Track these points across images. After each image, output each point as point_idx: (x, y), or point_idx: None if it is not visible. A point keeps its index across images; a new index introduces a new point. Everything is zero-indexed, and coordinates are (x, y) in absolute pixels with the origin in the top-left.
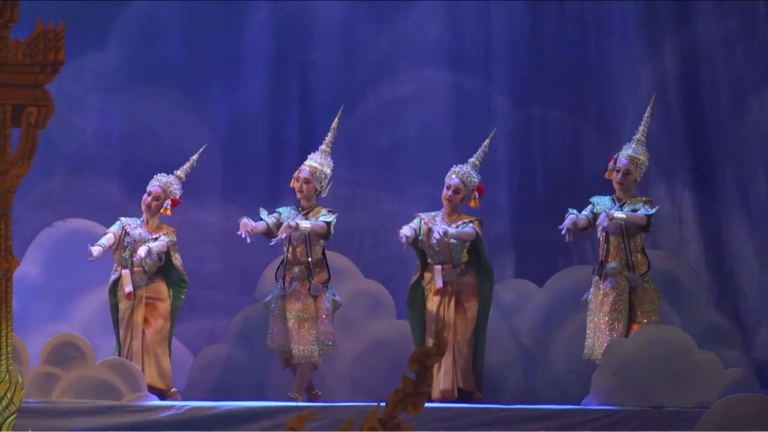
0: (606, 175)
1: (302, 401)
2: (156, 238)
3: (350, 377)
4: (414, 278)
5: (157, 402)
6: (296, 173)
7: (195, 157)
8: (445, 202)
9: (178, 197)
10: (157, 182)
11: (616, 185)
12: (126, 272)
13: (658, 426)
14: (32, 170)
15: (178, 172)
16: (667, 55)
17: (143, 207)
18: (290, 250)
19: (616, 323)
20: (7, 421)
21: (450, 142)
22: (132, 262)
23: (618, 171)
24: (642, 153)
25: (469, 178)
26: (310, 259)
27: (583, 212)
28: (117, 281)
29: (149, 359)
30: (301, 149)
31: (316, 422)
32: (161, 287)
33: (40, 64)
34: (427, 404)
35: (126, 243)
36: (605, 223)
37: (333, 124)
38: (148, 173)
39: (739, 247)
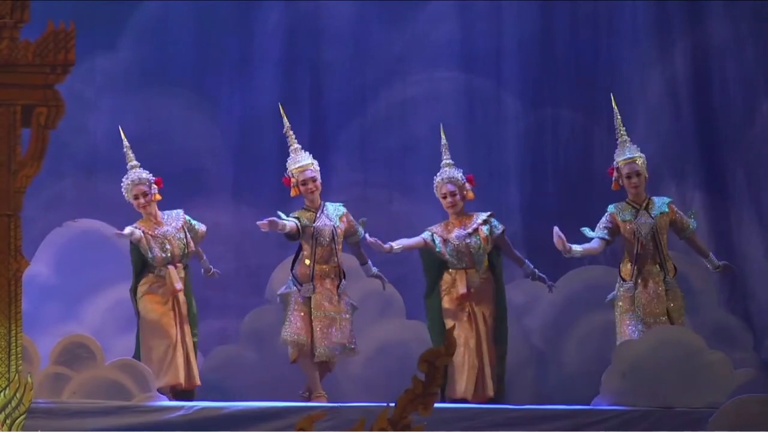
0: (613, 187)
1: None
2: (180, 227)
3: (361, 378)
4: (426, 290)
5: (167, 402)
6: (294, 180)
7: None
8: (449, 211)
9: (152, 179)
10: (134, 182)
11: (632, 190)
12: (172, 268)
13: (668, 426)
14: (43, 170)
15: (132, 163)
16: (678, 56)
17: (143, 210)
18: (317, 249)
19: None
20: (17, 421)
21: (461, 143)
22: (171, 258)
23: (629, 177)
24: (637, 150)
25: (455, 177)
26: (338, 259)
27: (598, 232)
28: (139, 283)
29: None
30: (311, 150)
31: (327, 422)
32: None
33: (50, 64)
34: (437, 405)
35: (156, 243)
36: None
37: (286, 123)
38: (158, 173)
39: (749, 248)
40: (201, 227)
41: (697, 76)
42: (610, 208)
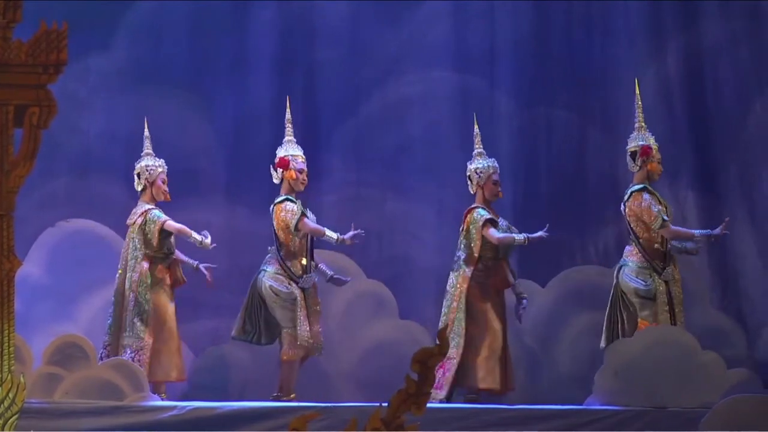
0: (651, 168)
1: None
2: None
3: (354, 377)
4: (470, 270)
5: (160, 402)
6: (293, 164)
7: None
8: (493, 199)
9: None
10: (161, 166)
11: (657, 176)
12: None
13: (661, 426)
14: (36, 170)
15: (148, 152)
16: (672, 55)
17: (162, 196)
18: (310, 242)
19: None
20: (9, 421)
21: (455, 143)
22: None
23: (660, 162)
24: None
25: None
26: (313, 256)
27: (662, 214)
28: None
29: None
30: (305, 149)
31: (320, 423)
32: None
33: (42, 64)
34: (430, 404)
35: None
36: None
37: (287, 116)
38: None
39: (742, 247)
40: None
41: (690, 76)
42: (648, 188)
